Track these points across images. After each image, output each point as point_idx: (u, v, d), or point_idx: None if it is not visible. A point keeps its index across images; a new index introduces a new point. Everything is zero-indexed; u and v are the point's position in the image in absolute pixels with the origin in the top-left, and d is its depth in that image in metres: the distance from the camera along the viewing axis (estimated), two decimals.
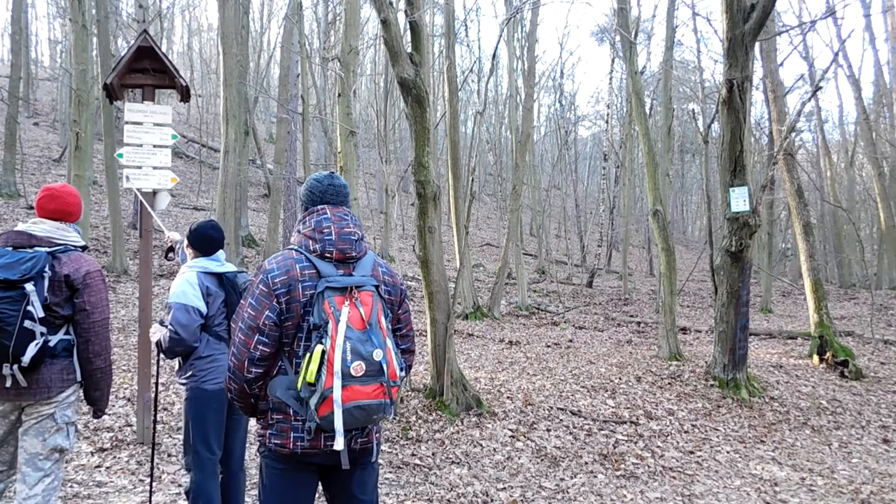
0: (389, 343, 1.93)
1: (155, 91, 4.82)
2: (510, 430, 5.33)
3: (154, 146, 4.68)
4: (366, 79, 23.36)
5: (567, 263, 21.69)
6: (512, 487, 4.24)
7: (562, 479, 4.44)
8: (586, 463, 4.79)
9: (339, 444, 1.82)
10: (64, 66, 21.28)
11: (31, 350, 2.49)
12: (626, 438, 5.35)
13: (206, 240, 3.14)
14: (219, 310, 3.06)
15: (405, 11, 5.66)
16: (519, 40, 19.47)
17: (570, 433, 5.39)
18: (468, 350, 8.98)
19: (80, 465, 4.16)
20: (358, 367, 1.82)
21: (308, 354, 1.85)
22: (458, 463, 4.62)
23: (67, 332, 2.67)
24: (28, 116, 22.79)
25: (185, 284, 2.99)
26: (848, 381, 7.54)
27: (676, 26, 14.28)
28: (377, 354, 1.86)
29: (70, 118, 10.42)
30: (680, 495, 4.31)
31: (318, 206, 2.08)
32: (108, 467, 4.17)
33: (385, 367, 1.87)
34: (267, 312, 1.92)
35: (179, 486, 3.90)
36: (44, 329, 2.54)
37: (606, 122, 21.74)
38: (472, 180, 7.51)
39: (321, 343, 1.84)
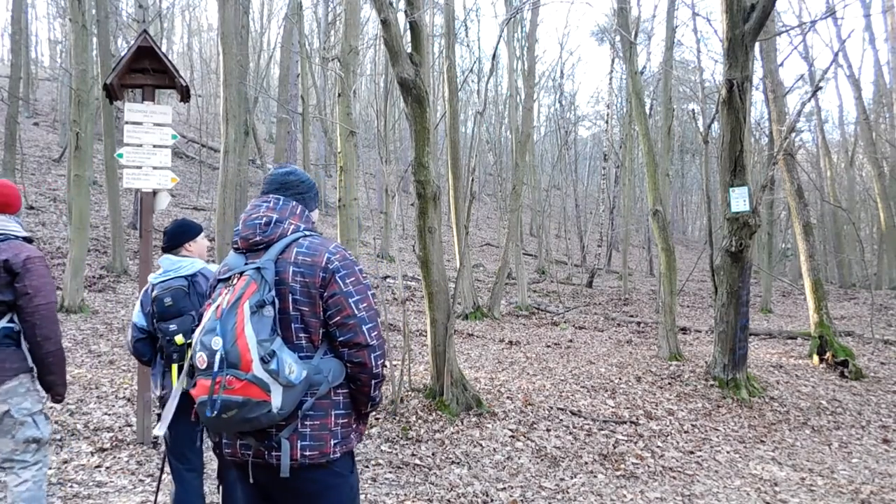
0: (248, 329, 1.64)
1: (155, 91, 4.83)
2: (510, 430, 5.33)
3: (154, 146, 4.69)
4: (366, 79, 23.37)
5: (567, 263, 21.68)
6: (512, 487, 4.24)
7: (562, 479, 4.44)
8: (586, 463, 4.79)
9: (159, 428, 1.93)
10: (64, 66, 21.27)
11: None
12: (626, 438, 5.35)
13: (163, 240, 3.04)
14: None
15: (405, 11, 5.66)
16: (519, 40, 19.45)
17: (570, 433, 5.39)
18: (468, 350, 8.98)
19: (80, 465, 4.16)
20: (200, 359, 1.67)
21: None
22: (458, 463, 4.63)
23: (11, 321, 2.66)
24: (28, 116, 22.78)
25: (139, 298, 3.00)
26: (848, 381, 7.54)
27: (676, 26, 14.28)
28: (215, 343, 1.64)
29: (70, 118, 10.41)
30: (680, 495, 4.31)
31: None
32: (108, 467, 4.17)
33: (223, 357, 1.62)
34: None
35: None
36: None
37: (606, 122, 21.74)
38: (472, 180, 7.51)
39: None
